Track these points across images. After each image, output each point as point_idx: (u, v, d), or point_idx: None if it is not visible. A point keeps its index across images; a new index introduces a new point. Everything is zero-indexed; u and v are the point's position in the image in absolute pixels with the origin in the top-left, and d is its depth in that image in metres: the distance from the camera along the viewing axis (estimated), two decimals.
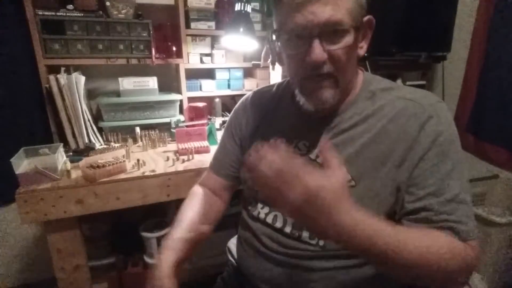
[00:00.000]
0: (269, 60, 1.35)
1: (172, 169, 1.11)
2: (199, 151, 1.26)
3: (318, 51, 0.52)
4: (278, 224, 0.65)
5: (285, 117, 0.71)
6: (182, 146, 1.28)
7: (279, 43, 0.59)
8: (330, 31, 0.52)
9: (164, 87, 1.55)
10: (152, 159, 1.21)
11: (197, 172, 1.12)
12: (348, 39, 0.54)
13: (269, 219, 0.67)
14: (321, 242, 0.61)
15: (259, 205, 0.70)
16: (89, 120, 1.32)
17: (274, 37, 0.63)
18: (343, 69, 0.56)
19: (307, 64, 0.54)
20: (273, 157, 0.43)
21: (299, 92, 0.61)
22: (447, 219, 0.53)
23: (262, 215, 0.68)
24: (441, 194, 0.54)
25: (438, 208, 0.53)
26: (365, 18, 0.58)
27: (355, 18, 0.54)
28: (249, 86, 1.66)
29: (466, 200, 0.54)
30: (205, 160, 1.20)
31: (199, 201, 0.77)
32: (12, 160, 0.94)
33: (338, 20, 0.52)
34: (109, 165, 1.04)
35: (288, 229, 0.64)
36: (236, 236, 0.84)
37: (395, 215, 0.58)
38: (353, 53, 0.58)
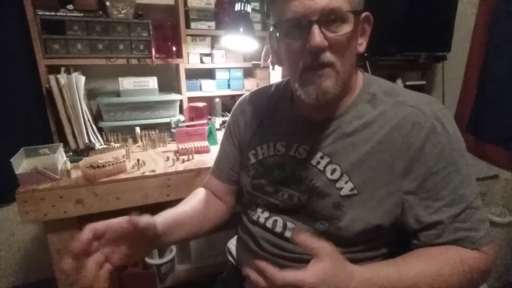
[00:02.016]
0: (269, 60, 1.35)
1: (172, 169, 1.11)
2: (199, 151, 1.26)
3: (318, 37, 0.51)
4: (278, 229, 0.64)
5: (284, 120, 0.70)
6: (182, 146, 1.28)
7: (277, 35, 0.57)
8: (329, 19, 0.52)
9: (164, 87, 1.55)
10: (152, 159, 1.21)
11: (197, 172, 1.12)
12: (347, 27, 0.53)
13: (268, 224, 0.66)
14: None
15: (259, 210, 0.69)
16: (89, 120, 1.32)
17: (271, 31, 0.61)
18: (343, 59, 0.55)
19: (308, 52, 0.53)
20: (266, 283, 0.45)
21: (299, 86, 0.58)
22: (463, 227, 0.54)
23: (262, 220, 0.68)
24: (456, 204, 0.54)
25: (454, 218, 0.54)
26: (363, 15, 0.58)
27: (353, 7, 0.54)
28: (249, 86, 1.66)
29: (478, 205, 0.55)
30: (205, 160, 1.20)
31: (197, 198, 0.77)
32: (12, 160, 0.94)
33: (336, 7, 0.51)
34: (109, 165, 1.04)
35: (288, 234, 0.63)
36: (236, 237, 0.84)
37: (402, 227, 0.58)
38: (352, 45, 0.57)
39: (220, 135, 1.43)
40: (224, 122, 1.57)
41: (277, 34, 0.57)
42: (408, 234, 0.58)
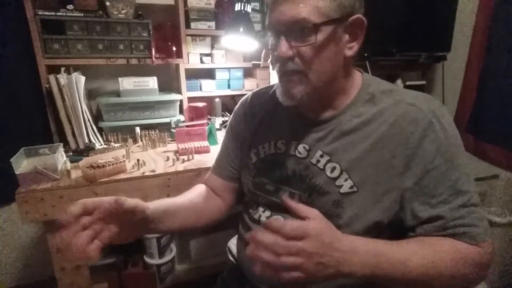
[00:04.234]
0: (269, 60, 1.35)
1: (172, 169, 1.11)
2: (199, 151, 1.26)
3: (283, 47, 0.55)
4: None
5: (284, 118, 0.70)
6: (182, 146, 1.28)
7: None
8: (297, 29, 0.54)
9: (164, 87, 1.55)
10: (152, 159, 1.21)
11: (197, 172, 1.12)
12: (319, 36, 0.54)
13: None
14: None
15: (260, 209, 0.69)
16: (89, 120, 1.32)
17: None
18: (312, 67, 0.56)
19: (276, 60, 0.58)
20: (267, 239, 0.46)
21: (278, 87, 0.63)
22: (461, 224, 0.53)
23: (263, 219, 0.68)
24: (453, 200, 0.54)
25: (451, 214, 0.54)
26: (352, 18, 0.56)
27: (326, 16, 0.53)
28: (249, 86, 1.65)
29: (476, 202, 0.55)
30: (205, 160, 1.20)
31: (197, 192, 0.78)
32: (12, 160, 0.94)
33: (301, 19, 0.53)
34: (109, 165, 1.03)
35: None
36: (236, 236, 0.84)
37: (401, 224, 0.58)
38: (327, 53, 0.56)
39: (220, 135, 1.43)
40: (224, 122, 1.57)
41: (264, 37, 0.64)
42: (406, 230, 0.58)
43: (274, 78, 1.46)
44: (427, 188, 0.55)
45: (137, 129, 1.40)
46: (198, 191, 0.79)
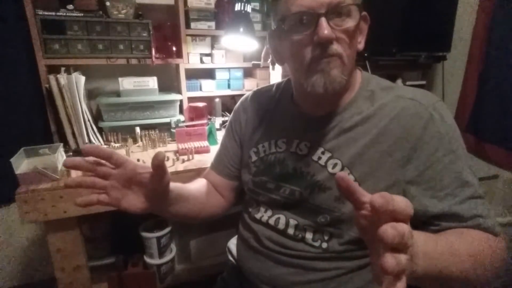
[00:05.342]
0: (269, 60, 1.35)
1: (172, 169, 1.11)
2: (199, 151, 1.26)
3: (326, 30, 0.52)
4: (281, 226, 0.65)
5: (285, 117, 0.71)
6: (182, 146, 1.28)
7: (284, 28, 0.57)
8: (336, 11, 0.53)
9: (164, 87, 1.55)
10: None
11: (197, 172, 1.12)
12: (352, 21, 0.55)
13: (271, 221, 0.67)
14: (324, 244, 0.61)
15: (262, 209, 0.69)
16: (89, 120, 1.31)
17: (274, 30, 0.61)
18: (348, 51, 0.56)
19: (316, 44, 0.54)
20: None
21: (305, 79, 0.58)
22: (475, 214, 0.53)
23: (265, 218, 0.68)
24: (460, 192, 0.54)
25: (461, 207, 0.53)
26: (364, 12, 0.58)
27: (357, 1, 0.55)
28: (249, 86, 1.66)
29: (482, 194, 0.55)
30: (205, 160, 1.20)
31: (201, 184, 0.78)
32: (12, 160, 0.93)
33: (342, 0, 0.53)
34: None
35: (291, 231, 0.64)
36: (236, 236, 0.84)
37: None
38: (355, 40, 0.58)
39: (220, 135, 1.43)
40: (224, 122, 1.57)
41: (284, 28, 0.57)
42: (417, 224, 0.56)
43: (274, 78, 1.46)
44: (433, 181, 0.55)
45: (137, 129, 1.40)
46: (201, 183, 0.79)
